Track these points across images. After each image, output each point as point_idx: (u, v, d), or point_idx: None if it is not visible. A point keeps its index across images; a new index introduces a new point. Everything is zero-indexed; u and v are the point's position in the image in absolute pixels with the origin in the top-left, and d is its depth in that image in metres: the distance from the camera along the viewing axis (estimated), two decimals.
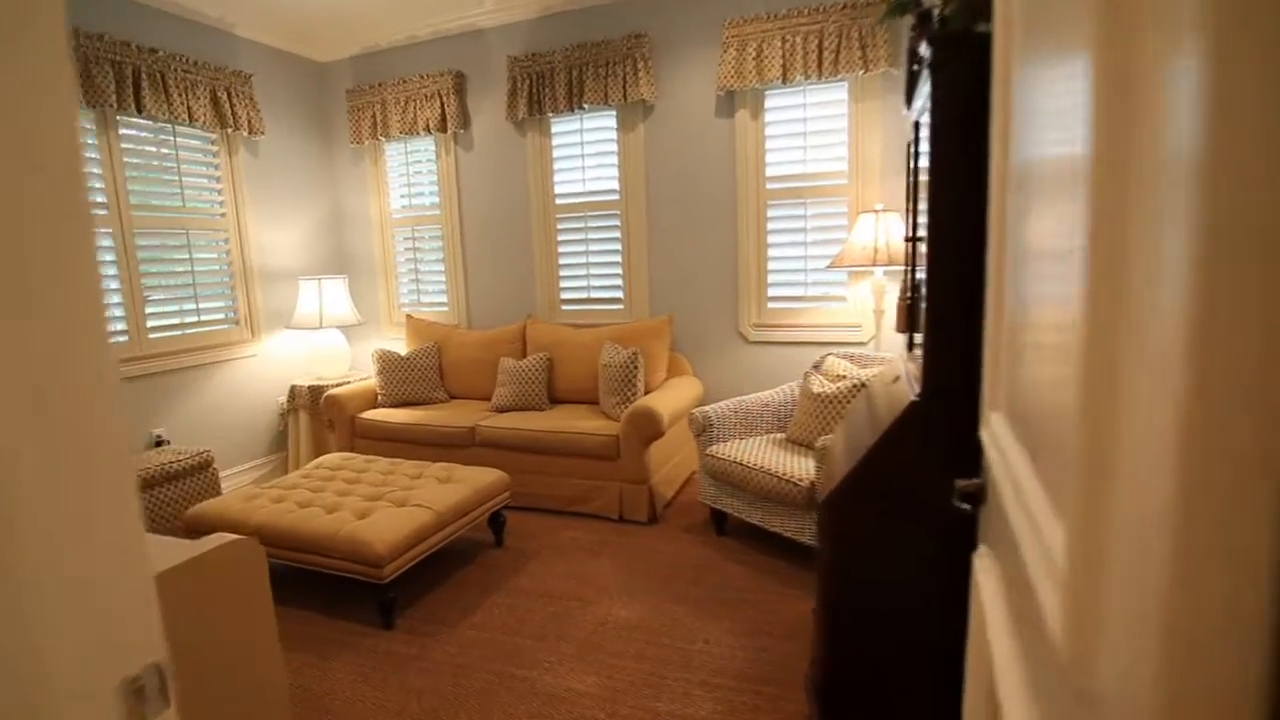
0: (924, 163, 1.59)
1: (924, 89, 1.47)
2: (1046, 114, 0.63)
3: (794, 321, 3.59)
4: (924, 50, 1.43)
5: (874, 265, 2.93)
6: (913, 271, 1.65)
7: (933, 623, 1.44)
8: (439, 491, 2.61)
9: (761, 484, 2.63)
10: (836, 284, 3.50)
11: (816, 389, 2.81)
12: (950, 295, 1.30)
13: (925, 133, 1.57)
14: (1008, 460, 0.75)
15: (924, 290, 1.46)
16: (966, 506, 0.98)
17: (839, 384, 2.77)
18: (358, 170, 4.57)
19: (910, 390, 1.43)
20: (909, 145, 2.02)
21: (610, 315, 4.03)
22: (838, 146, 3.42)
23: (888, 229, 2.97)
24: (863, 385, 2.69)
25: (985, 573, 0.93)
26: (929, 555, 1.41)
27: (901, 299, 1.76)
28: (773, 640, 2.15)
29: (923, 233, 1.59)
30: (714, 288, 3.74)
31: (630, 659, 2.08)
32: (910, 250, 1.71)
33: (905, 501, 1.41)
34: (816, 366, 3.07)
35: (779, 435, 3.06)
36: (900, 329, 1.75)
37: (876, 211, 3.02)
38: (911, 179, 1.70)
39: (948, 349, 1.31)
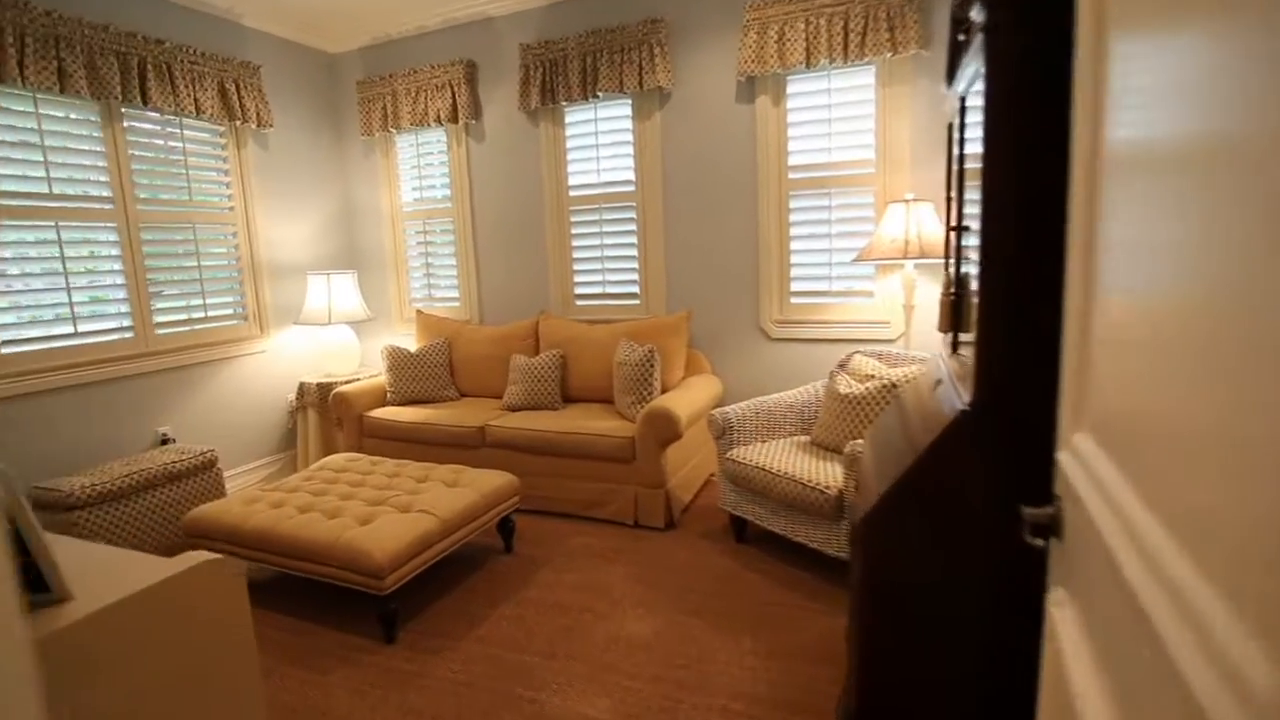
0: (972, 147, 1.43)
1: (973, 60, 1.31)
2: (1192, 85, 0.48)
3: (818, 317, 3.42)
4: (975, 14, 1.27)
5: (904, 258, 2.76)
6: (957, 264, 1.49)
7: (980, 652, 1.29)
8: (445, 496, 2.50)
9: (785, 491, 2.48)
10: (863, 278, 3.32)
11: (844, 390, 2.65)
12: (1006, 290, 1.15)
13: (974, 111, 1.41)
14: (1114, 503, 0.60)
15: (974, 284, 1.30)
16: (1040, 542, 0.83)
17: (868, 384, 2.60)
18: (368, 163, 4.47)
19: (958, 398, 1.27)
20: (949, 126, 1.85)
21: (626, 311, 3.89)
22: (864, 134, 3.24)
23: (919, 220, 2.80)
24: (893, 386, 2.52)
25: (1066, 624, 0.78)
26: (977, 580, 1.26)
27: (944, 295, 1.59)
28: (798, 662, 2.00)
29: (969, 222, 1.43)
30: (734, 282, 3.59)
31: (645, 680, 1.95)
32: (954, 241, 1.55)
33: (952, 522, 1.26)
34: (843, 365, 2.91)
35: (803, 438, 2.91)
36: (943, 328, 1.59)
37: (907, 201, 2.85)
38: (957, 164, 1.54)
39: (1003, 352, 1.15)
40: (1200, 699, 0.39)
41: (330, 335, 4.11)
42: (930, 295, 3.13)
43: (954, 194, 1.57)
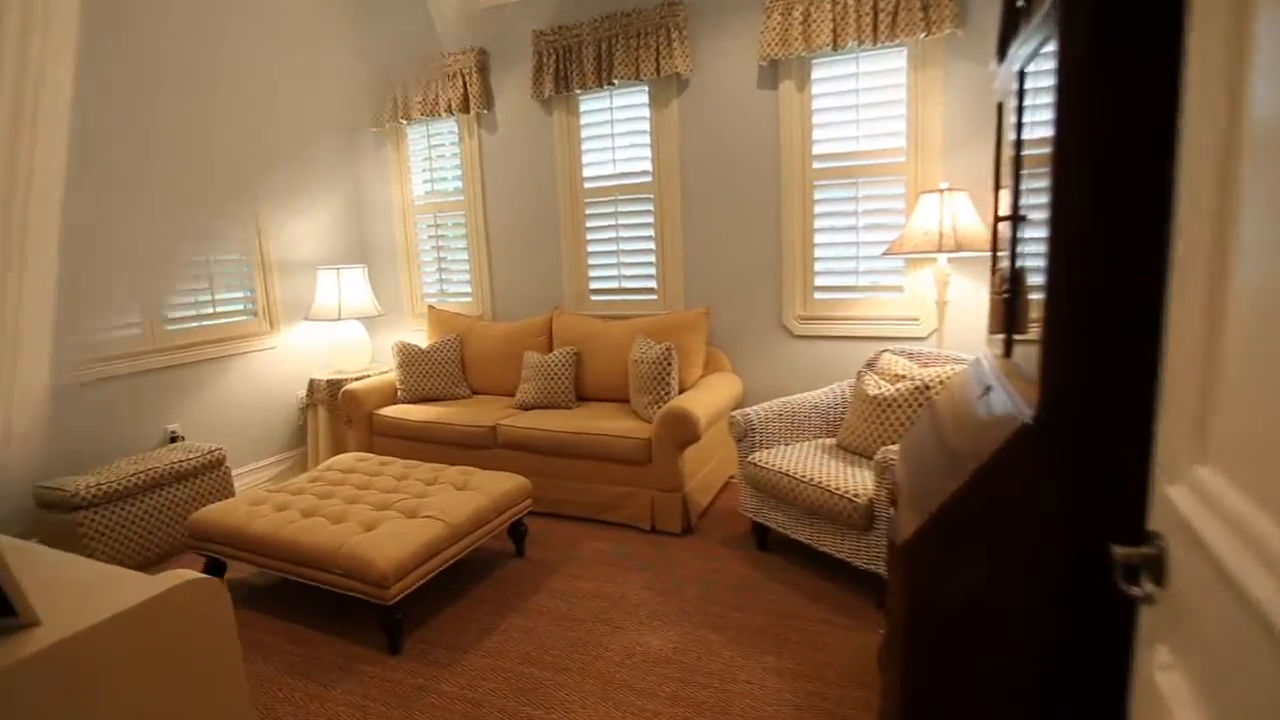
0: (1031, 131, 1.28)
1: (1038, 29, 1.17)
2: None
3: (844, 314, 3.27)
4: None
5: (938, 252, 2.61)
6: (1012, 258, 1.35)
7: (1037, 689, 1.16)
8: (454, 500, 2.40)
9: (811, 498, 2.35)
10: (891, 272, 3.17)
11: (873, 391, 2.51)
12: (1079, 287, 1.01)
13: (1033, 94, 1.27)
14: (1275, 562, 0.47)
15: (1031, 280, 1.16)
16: (1138, 593, 0.69)
17: (898, 385, 2.46)
18: (378, 155, 4.38)
19: (1016, 409, 1.14)
20: (999, 106, 1.70)
21: (642, 306, 3.77)
22: (894, 120, 3.08)
23: (954, 211, 2.64)
24: (926, 388, 2.38)
25: (1175, 691, 0.65)
26: (1035, 610, 1.12)
27: (996, 292, 1.45)
28: (825, 685, 1.88)
29: (1026, 211, 1.29)
30: (755, 276, 3.45)
31: (662, 700, 1.83)
32: (1009, 233, 1.40)
33: (1008, 546, 1.13)
34: (870, 364, 2.77)
35: (828, 441, 2.77)
36: (995, 330, 1.45)
37: (941, 191, 2.69)
38: (1012, 148, 1.39)
39: (1075, 359, 1.02)
40: None
41: (340, 331, 4.04)
42: (963, 290, 2.98)
43: (1009, 181, 1.43)
